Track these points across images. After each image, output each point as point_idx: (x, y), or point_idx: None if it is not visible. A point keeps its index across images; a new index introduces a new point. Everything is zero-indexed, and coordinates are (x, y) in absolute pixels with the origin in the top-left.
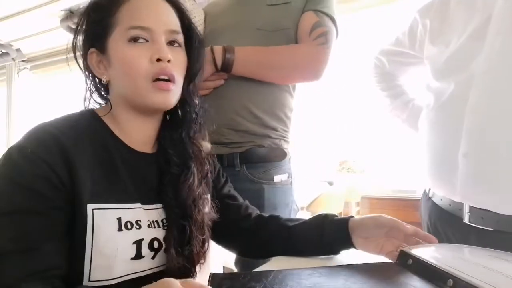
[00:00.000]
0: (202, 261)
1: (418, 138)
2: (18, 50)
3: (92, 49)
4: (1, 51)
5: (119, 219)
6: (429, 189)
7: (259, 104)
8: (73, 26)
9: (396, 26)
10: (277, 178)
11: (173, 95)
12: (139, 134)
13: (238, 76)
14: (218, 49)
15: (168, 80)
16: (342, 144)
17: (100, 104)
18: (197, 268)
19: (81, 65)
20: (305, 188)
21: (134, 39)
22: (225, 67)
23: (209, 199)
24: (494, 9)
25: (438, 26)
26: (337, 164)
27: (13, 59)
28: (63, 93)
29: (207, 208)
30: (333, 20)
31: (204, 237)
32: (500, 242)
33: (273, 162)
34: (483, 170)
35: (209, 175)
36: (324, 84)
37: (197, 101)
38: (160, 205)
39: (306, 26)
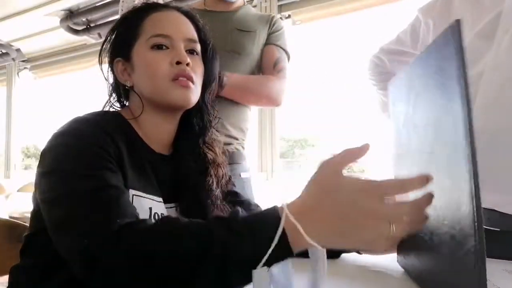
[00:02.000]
0: None
1: None
2: (18, 50)
3: (118, 59)
4: (1, 51)
5: (150, 209)
6: None
7: (230, 119)
8: (73, 26)
9: (391, 26)
10: (243, 175)
11: (192, 92)
12: (158, 136)
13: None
14: None
15: (186, 79)
16: (342, 144)
17: (116, 108)
18: None
19: (104, 74)
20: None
21: (157, 46)
22: (218, 89)
23: (224, 202)
24: (503, 6)
25: (442, 24)
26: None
27: (13, 59)
28: (63, 93)
29: (222, 210)
30: (287, 54)
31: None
32: (507, 243)
33: (237, 163)
34: (489, 169)
35: (223, 178)
36: (324, 85)
37: (211, 110)
38: (174, 205)
39: (270, 59)
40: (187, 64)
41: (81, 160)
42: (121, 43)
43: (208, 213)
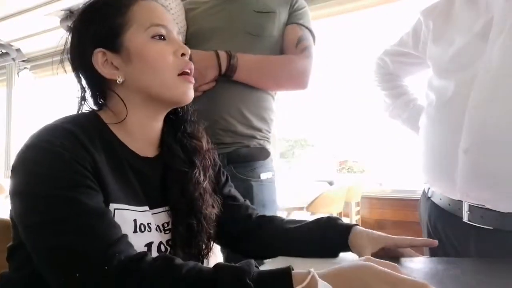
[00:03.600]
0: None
1: (418, 138)
2: (18, 50)
3: (99, 49)
4: (1, 51)
5: (135, 220)
6: (428, 188)
7: (249, 106)
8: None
9: (391, 26)
10: (263, 176)
11: (193, 88)
12: (145, 137)
13: (232, 80)
14: (223, 55)
15: (189, 74)
16: (342, 144)
17: (91, 108)
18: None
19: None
20: (305, 188)
21: (158, 36)
22: (229, 73)
23: (214, 194)
24: (496, 9)
25: (442, 26)
26: (337, 164)
27: (13, 59)
28: (63, 93)
29: (212, 203)
30: (312, 33)
31: (211, 231)
32: (500, 242)
33: (259, 161)
34: (483, 167)
35: (210, 170)
36: (324, 85)
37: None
38: (164, 208)
39: (292, 39)
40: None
41: (54, 181)
42: (104, 31)
43: (199, 206)
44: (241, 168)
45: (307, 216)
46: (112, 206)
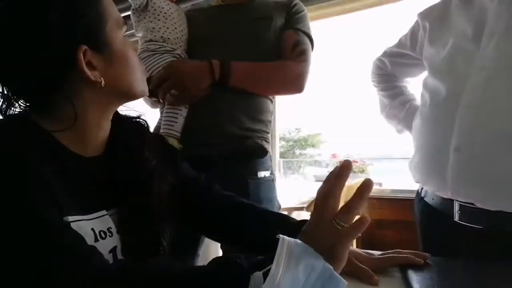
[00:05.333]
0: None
1: (412, 137)
2: None
3: (83, 47)
4: None
5: (93, 229)
6: (421, 188)
7: (247, 112)
8: None
9: (391, 26)
10: (260, 174)
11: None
12: (97, 138)
13: (228, 87)
14: (216, 64)
15: None
16: (342, 144)
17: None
18: None
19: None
20: (305, 188)
21: (126, 34)
22: (222, 81)
23: (167, 176)
24: (489, 13)
25: (437, 28)
26: (337, 164)
27: None
28: None
29: (166, 183)
30: (310, 38)
31: (165, 213)
32: (489, 242)
33: (255, 159)
34: (474, 165)
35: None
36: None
37: None
38: (113, 211)
39: (288, 43)
40: None
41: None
42: (84, 25)
43: (150, 183)
44: (237, 165)
45: (307, 216)
46: (66, 219)
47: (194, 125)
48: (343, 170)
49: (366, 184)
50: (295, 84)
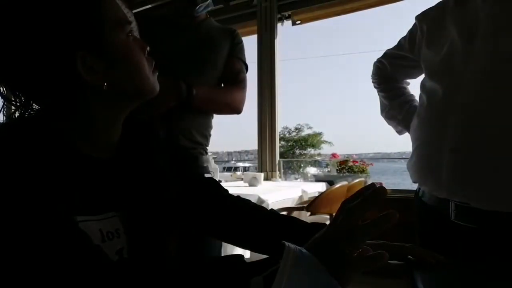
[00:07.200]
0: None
1: (410, 137)
2: None
3: (81, 52)
4: None
5: (100, 230)
6: (419, 188)
7: (196, 127)
8: None
9: (391, 26)
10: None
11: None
12: (109, 138)
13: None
14: (183, 86)
15: None
16: (342, 143)
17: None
18: None
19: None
20: (305, 188)
21: (130, 33)
22: (186, 101)
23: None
24: (483, 15)
25: (434, 30)
26: (337, 164)
27: None
28: None
29: (175, 186)
30: (246, 67)
31: (173, 216)
32: (484, 241)
33: (201, 167)
34: (469, 165)
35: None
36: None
37: None
38: (117, 213)
39: (233, 71)
40: None
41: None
42: (82, 28)
43: (158, 188)
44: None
45: (307, 216)
46: (78, 219)
47: None
48: (376, 195)
49: (389, 216)
50: (239, 107)
